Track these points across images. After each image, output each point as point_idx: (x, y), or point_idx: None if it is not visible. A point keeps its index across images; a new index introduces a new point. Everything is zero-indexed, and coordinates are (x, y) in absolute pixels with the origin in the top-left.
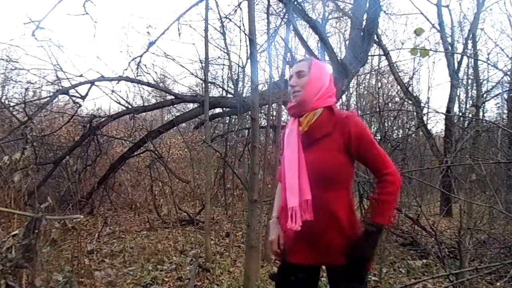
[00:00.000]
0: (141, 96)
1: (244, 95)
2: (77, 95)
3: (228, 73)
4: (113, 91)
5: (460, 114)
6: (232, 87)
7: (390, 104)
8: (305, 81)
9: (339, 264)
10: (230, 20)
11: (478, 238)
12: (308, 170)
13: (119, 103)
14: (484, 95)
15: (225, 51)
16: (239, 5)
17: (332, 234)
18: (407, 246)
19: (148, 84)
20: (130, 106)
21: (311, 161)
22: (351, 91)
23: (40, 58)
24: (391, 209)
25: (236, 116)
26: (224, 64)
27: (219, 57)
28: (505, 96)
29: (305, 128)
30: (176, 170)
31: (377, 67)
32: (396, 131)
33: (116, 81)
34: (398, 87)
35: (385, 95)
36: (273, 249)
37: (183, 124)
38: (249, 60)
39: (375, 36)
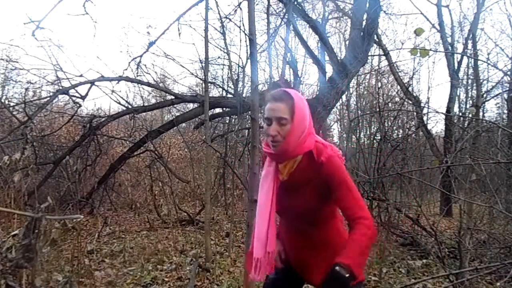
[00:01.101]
0: (141, 96)
1: (244, 95)
2: (77, 95)
3: (228, 73)
4: (113, 91)
5: (460, 114)
6: (232, 87)
7: (390, 104)
8: (287, 130)
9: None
10: (230, 20)
11: (478, 238)
12: (290, 213)
13: (119, 103)
14: (484, 95)
15: (225, 51)
16: (239, 5)
17: (328, 260)
18: (407, 246)
19: (148, 84)
20: (130, 106)
21: (293, 205)
22: (351, 91)
23: (40, 58)
24: (363, 255)
25: (236, 116)
26: (224, 64)
27: (219, 57)
28: (505, 96)
29: (285, 177)
30: (176, 170)
31: (377, 67)
32: (396, 131)
33: (116, 81)
34: (398, 87)
35: (385, 95)
36: (277, 266)
37: (183, 124)
38: (249, 60)
39: (375, 36)
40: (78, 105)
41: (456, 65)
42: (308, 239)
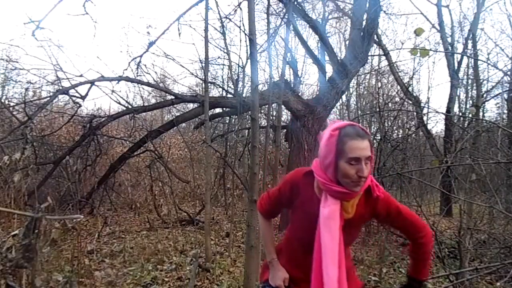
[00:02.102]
0: (141, 96)
1: (244, 95)
2: (77, 95)
3: (228, 73)
4: (113, 91)
5: (460, 114)
6: (232, 87)
7: (390, 104)
8: (370, 169)
9: None
10: (230, 20)
11: (478, 238)
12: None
13: (119, 103)
14: (484, 95)
15: (225, 51)
16: (239, 5)
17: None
18: (407, 246)
19: (148, 84)
20: (130, 106)
21: (345, 241)
22: (351, 91)
23: (40, 58)
24: (429, 265)
25: (236, 116)
26: (224, 64)
27: (219, 57)
28: (505, 96)
29: (350, 215)
30: (176, 170)
31: (377, 67)
32: (396, 131)
33: (116, 81)
34: (398, 87)
35: (385, 95)
36: None
37: (183, 124)
38: (249, 60)
39: (375, 36)
40: (78, 105)
41: (456, 65)
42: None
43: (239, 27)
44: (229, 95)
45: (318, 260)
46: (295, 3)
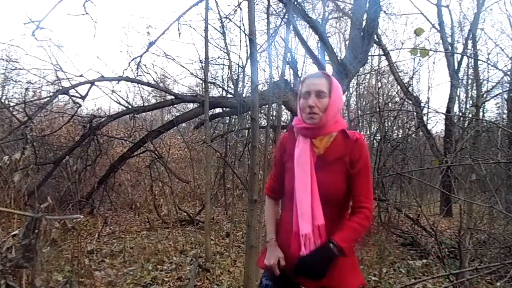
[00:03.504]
0: (141, 96)
1: (244, 95)
2: (77, 95)
3: (228, 73)
4: (113, 91)
5: (460, 114)
6: (232, 87)
7: (390, 104)
8: (326, 104)
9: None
10: (230, 20)
11: (478, 238)
12: (319, 193)
13: (119, 103)
14: (484, 95)
15: (225, 51)
16: (239, 5)
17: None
18: (407, 246)
19: (148, 84)
20: (130, 106)
21: (320, 183)
22: (351, 91)
23: (40, 58)
24: (355, 240)
25: (236, 116)
26: (224, 64)
27: (219, 57)
28: (505, 96)
29: (321, 152)
30: (176, 170)
31: (377, 67)
32: (396, 131)
33: (116, 81)
34: (398, 87)
35: (385, 95)
36: (275, 273)
37: (183, 124)
38: (249, 60)
39: (375, 36)
40: (78, 105)
41: (456, 65)
42: (327, 231)
43: (239, 27)
44: (229, 95)
45: (293, 196)
46: (295, 3)
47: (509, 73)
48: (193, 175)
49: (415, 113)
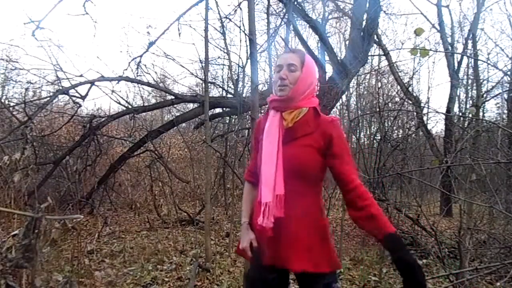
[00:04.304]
0: (141, 96)
1: (244, 95)
2: (77, 95)
3: (228, 73)
4: (113, 91)
5: (460, 114)
6: (232, 87)
7: (390, 104)
8: (296, 77)
9: (316, 271)
10: (230, 20)
11: (478, 238)
12: (285, 165)
13: (119, 103)
14: (484, 95)
15: (225, 51)
16: (239, 5)
17: (310, 237)
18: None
19: (148, 84)
20: (130, 106)
21: (288, 156)
22: (351, 91)
23: (40, 58)
24: (384, 217)
25: (236, 116)
26: (224, 64)
27: (219, 57)
28: (505, 96)
29: (290, 125)
30: (176, 170)
31: (377, 67)
32: (396, 131)
33: (116, 81)
34: (398, 87)
35: (385, 95)
36: (247, 256)
37: (183, 124)
38: (249, 60)
39: (375, 36)
40: (78, 105)
41: (456, 65)
42: (293, 205)
43: (239, 27)
44: (229, 95)
45: (260, 166)
46: (295, 3)
47: (509, 73)
48: (193, 175)
49: (415, 113)
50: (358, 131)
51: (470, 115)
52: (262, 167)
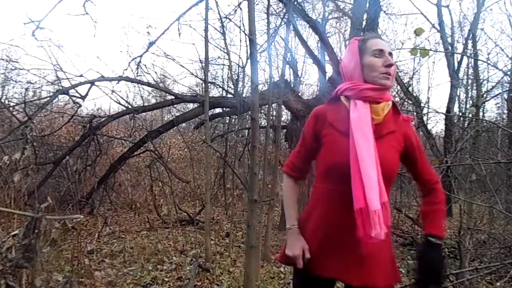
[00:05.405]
0: (141, 96)
1: (244, 95)
2: (77, 95)
3: (228, 73)
4: (113, 91)
5: (460, 114)
6: (232, 87)
7: None
8: (394, 68)
9: (378, 285)
10: (230, 20)
11: (478, 238)
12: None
13: (119, 103)
14: (484, 95)
15: (225, 51)
16: (239, 5)
17: (383, 250)
18: (407, 246)
19: (148, 84)
20: (130, 106)
21: (379, 156)
22: None
23: (40, 58)
24: (444, 221)
25: (236, 116)
26: (224, 64)
27: (219, 57)
28: (505, 96)
29: (380, 119)
30: (176, 170)
31: None
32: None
33: (116, 81)
34: (398, 87)
35: None
36: (296, 264)
37: (183, 124)
38: (249, 60)
39: None
40: (78, 105)
41: (456, 65)
42: None
43: (239, 27)
44: (229, 95)
45: (355, 167)
46: (295, 3)
47: (509, 73)
48: (193, 175)
49: (415, 113)
50: None
51: (470, 115)
52: (362, 167)
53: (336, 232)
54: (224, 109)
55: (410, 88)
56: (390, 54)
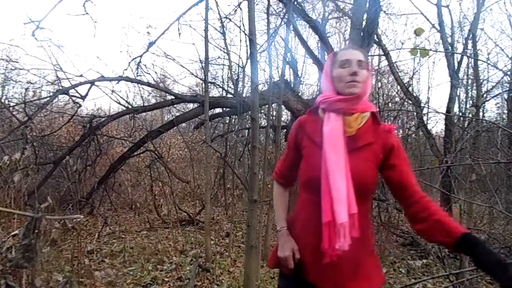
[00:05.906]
0: (141, 96)
1: (244, 95)
2: (77, 95)
3: (228, 73)
4: (113, 91)
5: (460, 114)
6: (232, 87)
7: (390, 104)
8: (365, 75)
9: None
10: (230, 20)
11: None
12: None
13: (119, 103)
14: (484, 95)
15: (225, 51)
16: (239, 5)
17: (362, 256)
18: (407, 246)
19: (148, 84)
20: (130, 106)
21: (351, 170)
22: None
23: (40, 58)
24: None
25: (236, 116)
26: (224, 64)
27: (219, 57)
28: (505, 96)
29: (353, 132)
30: (176, 170)
31: (377, 67)
32: (396, 131)
33: (116, 81)
34: (398, 87)
35: (385, 95)
36: (288, 266)
37: (183, 124)
38: (249, 60)
39: (375, 36)
40: (78, 105)
41: (456, 65)
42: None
43: (239, 27)
44: (229, 95)
45: (325, 181)
46: (295, 3)
47: (509, 73)
48: (193, 175)
49: (415, 113)
50: None
51: (470, 115)
52: (331, 181)
53: (316, 240)
54: (224, 109)
55: (410, 88)
56: (361, 61)
